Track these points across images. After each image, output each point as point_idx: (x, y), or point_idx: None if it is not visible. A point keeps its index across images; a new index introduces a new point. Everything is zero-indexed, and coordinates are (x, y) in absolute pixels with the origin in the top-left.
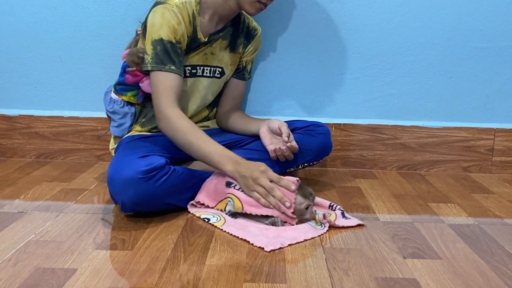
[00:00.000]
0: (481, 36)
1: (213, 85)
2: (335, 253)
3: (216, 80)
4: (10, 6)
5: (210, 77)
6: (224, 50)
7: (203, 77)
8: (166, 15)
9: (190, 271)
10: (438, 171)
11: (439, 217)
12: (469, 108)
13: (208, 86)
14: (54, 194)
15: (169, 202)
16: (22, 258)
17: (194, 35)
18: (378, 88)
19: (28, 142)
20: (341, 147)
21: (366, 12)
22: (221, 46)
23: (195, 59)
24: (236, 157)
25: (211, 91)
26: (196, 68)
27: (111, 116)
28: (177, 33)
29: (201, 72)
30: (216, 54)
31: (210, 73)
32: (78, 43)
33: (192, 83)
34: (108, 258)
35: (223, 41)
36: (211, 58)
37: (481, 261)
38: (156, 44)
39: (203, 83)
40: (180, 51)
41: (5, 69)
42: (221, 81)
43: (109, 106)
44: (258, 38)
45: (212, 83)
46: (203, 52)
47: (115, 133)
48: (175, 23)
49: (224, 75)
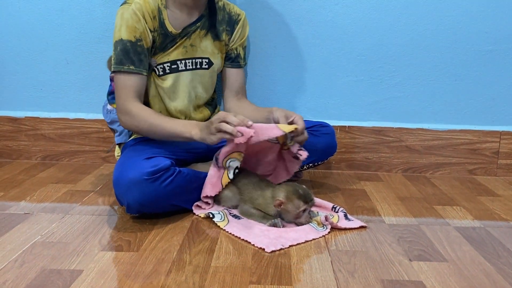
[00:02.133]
0: (486, 38)
1: (202, 78)
2: (341, 255)
3: (204, 72)
4: (17, 8)
5: (194, 69)
6: (206, 40)
7: (186, 70)
8: (124, 15)
9: (195, 273)
10: (443, 174)
11: (444, 219)
12: (474, 111)
13: (194, 79)
14: (60, 196)
15: (174, 203)
16: (28, 259)
17: (163, 29)
18: (383, 91)
19: (34, 144)
20: (346, 150)
21: (371, 15)
22: (200, 36)
23: (174, 54)
24: (199, 122)
25: (200, 84)
26: (176, 63)
27: (111, 127)
28: (137, 31)
29: (184, 66)
30: (196, 46)
31: (193, 65)
32: (84, 45)
33: (175, 79)
34: (114, 259)
35: (201, 31)
36: (192, 50)
37: (487, 263)
38: (117, 45)
39: (188, 76)
40: (141, 49)
41: (11, 71)
42: (212, 72)
43: (107, 117)
44: (243, 22)
45: (198, 75)
46: (181, 46)
47: (118, 140)
48: (134, 21)
49: (213, 65)
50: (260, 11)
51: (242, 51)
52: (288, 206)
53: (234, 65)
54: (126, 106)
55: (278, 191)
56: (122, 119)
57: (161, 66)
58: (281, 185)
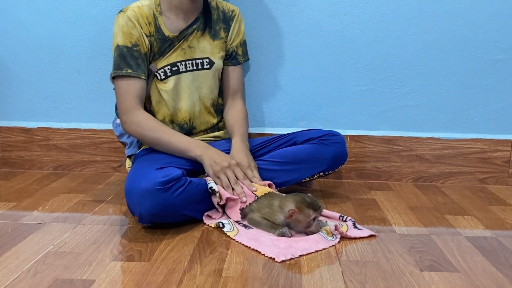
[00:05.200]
0: (496, 47)
1: (205, 78)
2: (352, 265)
3: (206, 72)
4: (30, 21)
5: (196, 70)
6: (204, 40)
7: (187, 71)
8: (120, 22)
9: (206, 283)
10: (454, 183)
11: (456, 229)
12: (484, 120)
13: (196, 80)
14: (72, 206)
15: (185, 213)
16: (41, 269)
17: (160, 34)
18: (393, 100)
19: (46, 154)
20: (356, 159)
21: (380, 24)
22: (197, 37)
23: (173, 56)
24: (205, 144)
25: (204, 84)
26: (177, 65)
27: (120, 140)
28: (132, 37)
29: (184, 68)
30: (194, 47)
31: (193, 66)
32: (95, 56)
33: (176, 81)
34: (126, 269)
35: (198, 32)
36: (190, 51)
37: (500, 274)
38: (114, 51)
39: (189, 77)
40: (138, 54)
41: (25, 82)
42: (214, 71)
43: (116, 130)
44: (237, 18)
45: (201, 76)
46: (180, 48)
47: (129, 153)
48: (129, 27)
49: (214, 64)
50: (268, 21)
51: (240, 47)
52: (300, 216)
53: (233, 62)
54: (130, 113)
55: (286, 202)
56: (125, 126)
57: (162, 70)
58: (287, 195)
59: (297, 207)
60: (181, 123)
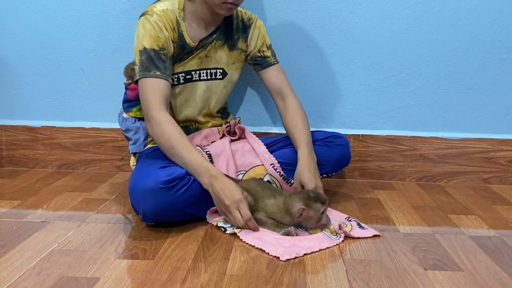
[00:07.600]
0: (500, 47)
1: (216, 88)
2: (356, 264)
3: (218, 82)
4: (34, 20)
5: (209, 80)
6: (221, 50)
7: (200, 81)
8: (146, 25)
9: (211, 281)
10: (457, 183)
11: (459, 228)
12: (488, 119)
13: (209, 89)
14: (76, 204)
15: (188, 212)
16: (46, 266)
17: (181, 41)
18: (396, 99)
19: (50, 152)
20: (359, 158)
21: (384, 24)
22: (215, 47)
23: (189, 64)
24: (213, 171)
25: (214, 94)
26: (191, 74)
27: (126, 135)
28: (159, 40)
29: (198, 76)
30: (211, 56)
31: (207, 76)
32: (99, 55)
33: (189, 89)
34: (130, 267)
35: (217, 42)
36: (206, 60)
37: (503, 273)
38: (141, 54)
39: (201, 86)
40: (165, 57)
41: (29, 81)
42: (227, 82)
43: (122, 125)
44: (256, 24)
45: (213, 85)
46: (197, 57)
47: (133, 150)
48: (157, 31)
49: (227, 75)
50: (272, 21)
51: (267, 50)
52: (310, 212)
53: (265, 65)
54: (155, 113)
55: (292, 200)
56: (148, 125)
57: (176, 76)
58: (291, 194)
59: (305, 204)
60: (186, 125)
